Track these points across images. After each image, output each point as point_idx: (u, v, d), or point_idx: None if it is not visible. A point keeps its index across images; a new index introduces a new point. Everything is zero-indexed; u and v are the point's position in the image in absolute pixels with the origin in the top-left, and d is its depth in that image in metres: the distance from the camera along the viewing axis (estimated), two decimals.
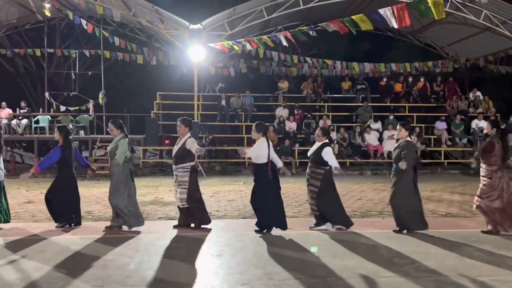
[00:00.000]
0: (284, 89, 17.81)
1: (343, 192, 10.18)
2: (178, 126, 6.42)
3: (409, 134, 6.27)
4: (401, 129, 6.25)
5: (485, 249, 5.35)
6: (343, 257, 5.02)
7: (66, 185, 6.48)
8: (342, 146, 15.21)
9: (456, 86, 17.57)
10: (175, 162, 6.41)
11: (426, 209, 7.93)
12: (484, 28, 15.19)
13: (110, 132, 6.53)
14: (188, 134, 6.44)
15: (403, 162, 5.94)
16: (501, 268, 4.63)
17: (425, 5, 7.33)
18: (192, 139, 6.43)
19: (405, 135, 6.21)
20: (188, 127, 6.45)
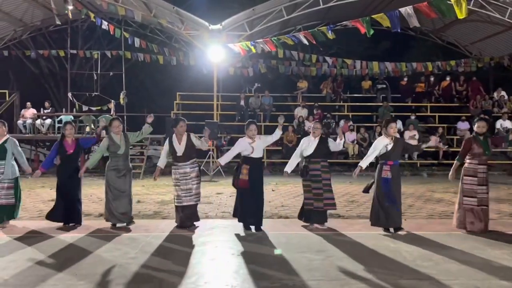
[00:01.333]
0: (303, 89, 17.74)
1: (358, 191, 10.09)
2: (181, 126, 6.43)
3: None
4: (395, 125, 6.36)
5: None
6: (362, 260, 4.91)
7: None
8: (362, 147, 15.06)
9: (480, 86, 17.18)
10: (184, 159, 6.36)
11: (447, 211, 7.85)
12: (509, 26, 14.81)
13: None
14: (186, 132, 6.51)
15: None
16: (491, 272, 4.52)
17: (446, 5, 7.17)
18: (192, 134, 6.50)
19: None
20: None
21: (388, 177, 6.09)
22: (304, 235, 6.08)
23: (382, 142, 6.23)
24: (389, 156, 6.13)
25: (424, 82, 17.39)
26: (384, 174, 6.11)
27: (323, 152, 6.42)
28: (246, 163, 6.26)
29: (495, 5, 13.53)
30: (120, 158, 6.53)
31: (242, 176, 6.20)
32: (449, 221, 6.87)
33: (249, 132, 6.43)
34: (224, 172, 13.41)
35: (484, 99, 16.58)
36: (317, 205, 6.35)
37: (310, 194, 6.38)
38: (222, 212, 7.62)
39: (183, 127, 6.42)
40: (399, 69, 17.39)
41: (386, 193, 6.11)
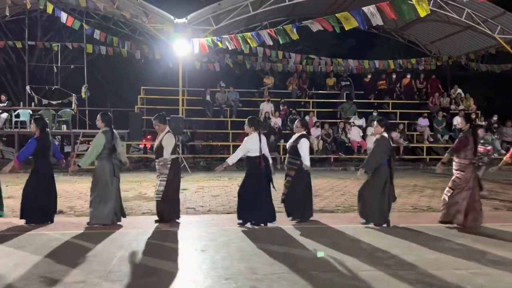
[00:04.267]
0: (269, 85, 17.84)
1: (327, 187, 10.32)
2: (154, 124, 6.45)
3: (385, 130, 6.37)
4: (377, 125, 6.43)
5: (464, 243, 5.47)
6: (325, 251, 5.07)
7: (41, 179, 6.39)
8: (326, 142, 15.33)
9: (439, 84, 17.86)
10: (156, 156, 6.45)
11: (407, 203, 8.14)
12: (466, 26, 15.44)
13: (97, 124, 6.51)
14: (167, 129, 6.45)
15: (361, 169, 6.31)
16: (478, 261, 4.75)
17: (407, 5, 7.40)
18: (169, 135, 6.41)
19: (381, 131, 6.36)
20: (165, 123, 6.54)
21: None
22: (268, 229, 6.15)
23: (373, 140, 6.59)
24: None
25: (386, 79, 17.88)
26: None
27: (295, 150, 6.54)
28: None
29: (452, 6, 14.07)
30: None
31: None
32: (406, 214, 7.16)
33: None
34: (190, 168, 13.32)
35: (443, 97, 17.25)
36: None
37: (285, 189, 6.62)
38: (187, 208, 7.57)
39: (157, 126, 6.47)
40: (362, 67, 17.78)
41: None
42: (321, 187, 10.35)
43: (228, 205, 7.91)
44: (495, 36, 15.02)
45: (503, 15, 14.60)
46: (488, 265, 4.62)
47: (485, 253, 5.02)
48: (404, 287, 4.01)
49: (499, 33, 15.08)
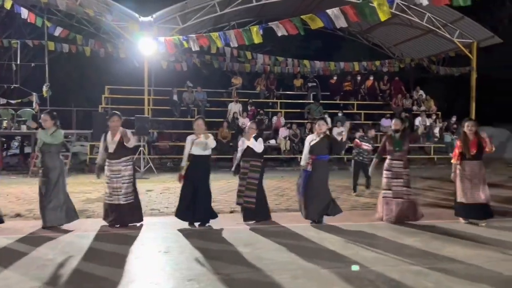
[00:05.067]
0: (237, 85, 17.84)
1: (292, 187, 10.40)
2: (113, 121, 6.24)
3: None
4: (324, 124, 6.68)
5: (420, 239, 5.66)
6: (289, 251, 5.11)
7: None
8: (293, 142, 15.48)
9: (402, 85, 18.40)
10: (116, 157, 6.17)
11: (369, 203, 8.33)
12: (427, 30, 15.98)
13: (43, 123, 6.25)
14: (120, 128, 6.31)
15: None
16: (438, 255, 4.92)
17: (369, 8, 7.58)
18: (128, 131, 6.32)
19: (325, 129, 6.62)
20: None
21: (309, 170, 6.41)
22: (233, 230, 6.15)
23: (308, 138, 6.61)
24: (312, 151, 6.46)
25: (351, 81, 18.25)
26: (306, 167, 6.47)
27: (255, 151, 6.54)
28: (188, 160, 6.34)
29: (414, 10, 14.54)
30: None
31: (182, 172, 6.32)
32: (370, 212, 7.32)
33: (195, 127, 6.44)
34: (156, 169, 13.14)
35: (405, 98, 17.77)
36: (238, 201, 6.59)
37: (238, 190, 6.60)
38: (151, 210, 7.46)
39: (116, 123, 6.23)
40: (328, 68, 18.07)
41: (301, 184, 6.48)
42: (287, 187, 10.45)
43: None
44: (454, 40, 15.63)
45: (462, 20, 15.23)
46: (444, 260, 4.79)
47: (441, 249, 5.20)
48: (364, 285, 4.09)
49: (458, 37, 15.71)
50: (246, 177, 6.53)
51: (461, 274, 4.35)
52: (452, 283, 4.12)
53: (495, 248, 5.23)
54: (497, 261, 4.76)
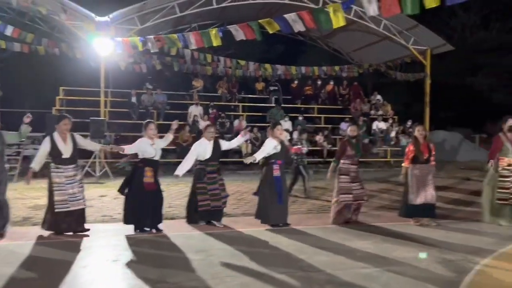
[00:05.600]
0: (198, 88, 17.65)
1: (251, 190, 10.37)
2: (64, 124, 5.98)
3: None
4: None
5: (375, 240, 5.77)
6: (242, 257, 5.05)
7: None
8: (255, 146, 15.46)
9: (360, 90, 18.85)
10: (71, 162, 5.95)
11: (326, 206, 8.42)
12: (384, 36, 16.43)
13: None
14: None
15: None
16: (387, 258, 5.01)
17: (325, 15, 7.67)
18: (76, 134, 6.13)
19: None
20: None
21: (279, 176, 6.43)
22: (187, 236, 6.03)
23: (271, 143, 6.53)
24: (277, 156, 6.48)
25: (312, 85, 18.51)
26: (275, 173, 6.44)
27: (218, 154, 6.60)
28: (149, 165, 6.10)
29: (371, 17, 14.86)
30: None
31: (147, 179, 6.04)
32: (326, 215, 7.39)
33: (149, 131, 6.24)
34: (114, 173, 12.75)
35: (363, 102, 18.21)
36: (215, 204, 6.48)
37: (206, 195, 6.44)
38: (103, 216, 7.20)
39: (67, 126, 5.98)
40: (289, 72, 18.24)
41: (279, 193, 6.42)
42: (246, 190, 10.41)
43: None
44: (409, 46, 16.17)
45: (416, 28, 15.78)
46: (394, 262, 4.88)
47: (391, 251, 5.30)
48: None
49: (413, 44, 16.26)
50: (217, 179, 6.51)
51: (409, 275, 4.44)
52: (400, 285, 4.20)
53: (442, 249, 5.38)
54: (443, 262, 4.90)
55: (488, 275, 4.53)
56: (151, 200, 6.09)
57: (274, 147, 6.47)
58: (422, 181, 6.65)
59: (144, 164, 6.12)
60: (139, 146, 6.21)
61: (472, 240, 5.88)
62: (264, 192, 6.52)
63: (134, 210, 6.07)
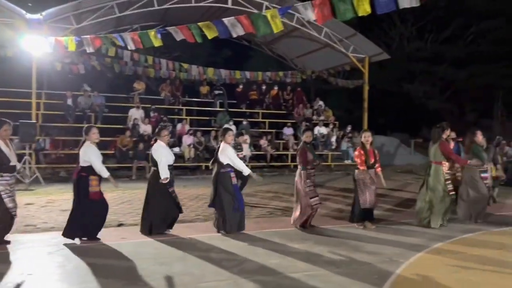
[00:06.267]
0: (140, 90, 17.17)
1: (193, 195, 10.22)
2: (5, 130, 5.64)
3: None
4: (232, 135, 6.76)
5: (306, 245, 5.84)
6: (171, 264, 4.92)
7: None
8: (198, 150, 15.29)
9: (303, 96, 19.24)
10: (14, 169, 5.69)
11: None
12: (325, 44, 16.89)
13: None
14: None
15: None
16: (315, 263, 5.07)
17: (262, 20, 7.74)
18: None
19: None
20: None
21: (236, 183, 6.43)
22: (118, 245, 5.79)
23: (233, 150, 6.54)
24: None
25: (257, 90, 18.65)
26: (234, 181, 6.41)
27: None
28: (94, 174, 5.79)
29: (313, 25, 15.27)
30: None
31: (93, 188, 5.75)
32: (262, 220, 7.40)
33: (93, 136, 5.95)
34: (47, 179, 12.08)
35: (306, 108, 18.59)
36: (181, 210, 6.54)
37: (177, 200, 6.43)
38: (25, 226, 6.74)
39: (8, 131, 5.68)
40: (234, 77, 18.25)
41: (239, 200, 6.36)
42: (187, 196, 10.24)
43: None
44: (348, 54, 16.72)
45: (355, 36, 16.37)
46: (323, 266, 4.95)
47: (321, 255, 5.38)
48: None
49: (352, 52, 16.84)
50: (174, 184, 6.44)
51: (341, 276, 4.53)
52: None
53: (379, 252, 5.54)
54: (374, 261, 5.05)
55: (413, 271, 4.71)
56: (99, 210, 5.83)
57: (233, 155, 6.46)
58: (371, 186, 6.85)
59: (88, 173, 5.78)
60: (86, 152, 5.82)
61: (405, 239, 6.17)
62: (223, 201, 6.36)
63: (82, 222, 5.76)
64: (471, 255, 5.46)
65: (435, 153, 7.17)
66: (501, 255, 5.50)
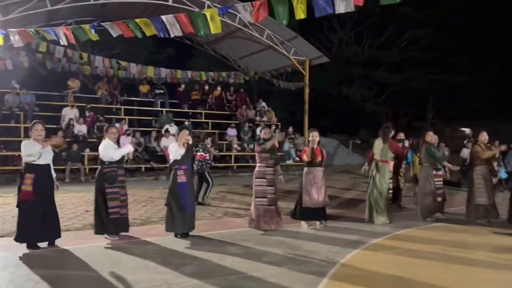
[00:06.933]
0: (74, 88, 16.28)
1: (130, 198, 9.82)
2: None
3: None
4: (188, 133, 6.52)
5: (245, 246, 5.80)
6: (103, 270, 4.66)
7: None
8: (137, 151, 14.77)
9: (246, 97, 19.27)
10: None
11: (217, 210, 8.33)
12: (268, 46, 17.05)
13: None
14: None
15: None
16: (254, 264, 5.03)
17: (202, 19, 7.61)
18: None
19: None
20: None
21: (183, 181, 6.18)
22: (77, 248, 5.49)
23: (173, 148, 6.35)
24: (182, 161, 6.24)
25: (199, 90, 18.42)
26: (180, 179, 6.18)
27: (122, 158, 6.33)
28: (31, 172, 5.42)
29: (255, 26, 15.34)
30: None
31: (25, 187, 5.37)
32: (211, 222, 7.30)
33: (35, 132, 5.59)
34: None
35: (249, 109, 18.65)
36: (124, 211, 6.14)
37: (117, 202, 6.03)
38: None
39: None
40: (175, 76, 17.89)
41: (184, 199, 6.16)
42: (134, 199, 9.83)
43: (2, 227, 6.74)
44: (290, 56, 17.00)
45: (296, 39, 16.67)
46: (261, 267, 4.92)
47: (261, 256, 5.36)
48: None
49: (293, 54, 17.14)
50: (125, 184, 6.21)
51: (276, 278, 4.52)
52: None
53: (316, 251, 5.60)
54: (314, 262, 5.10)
55: (348, 270, 4.81)
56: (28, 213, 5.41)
57: (175, 152, 6.27)
58: (315, 184, 6.89)
59: (25, 170, 5.45)
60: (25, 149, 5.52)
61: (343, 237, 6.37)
62: (168, 199, 6.23)
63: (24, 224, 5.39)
64: (403, 251, 5.70)
65: (383, 152, 7.42)
66: (429, 249, 5.81)
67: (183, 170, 6.24)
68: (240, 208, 8.84)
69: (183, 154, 6.29)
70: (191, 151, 6.56)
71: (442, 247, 5.88)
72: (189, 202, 6.27)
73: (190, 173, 6.40)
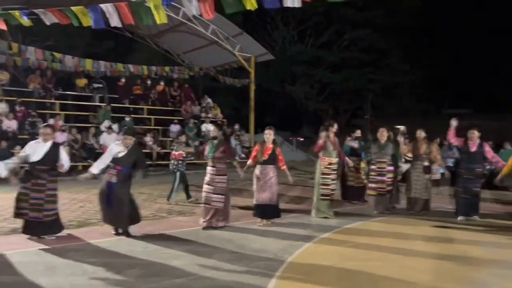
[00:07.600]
0: (3, 81, 15.04)
1: (67, 199, 9.23)
2: None
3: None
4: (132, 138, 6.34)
5: (194, 245, 5.63)
6: (84, 273, 4.26)
7: None
8: (73, 149, 13.92)
9: (191, 92, 18.89)
10: None
11: (161, 209, 8.01)
12: (212, 41, 16.80)
13: None
14: None
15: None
16: (201, 265, 4.86)
17: (145, 9, 7.25)
18: None
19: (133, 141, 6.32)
20: None
21: (113, 181, 5.99)
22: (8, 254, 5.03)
23: (114, 148, 6.16)
24: (117, 162, 6.06)
25: (141, 84, 17.77)
26: (107, 177, 6.05)
27: (52, 159, 5.93)
28: None
29: (200, 20, 15.03)
30: None
31: None
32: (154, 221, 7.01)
33: None
34: None
35: (194, 105, 18.30)
36: (34, 215, 5.78)
37: (26, 203, 5.75)
38: None
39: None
40: (116, 70, 17.11)
41: (108, 196, 6.01)
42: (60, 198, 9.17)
43: None
44: (235, 53, 16.87)
45: (241, 35, 16.58)
46: (209, 268, 4.75)
47: (208, 256, 5.18)
48: None
49: (238, 51, 17.03)
50: (45, 188, 5.86)
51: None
52: None
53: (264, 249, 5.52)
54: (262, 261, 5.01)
55: (295, 268, 4.78)
56: None
57: (117, 152, 6.08)
58: (261, 181, 6.86)
59: None
60: None
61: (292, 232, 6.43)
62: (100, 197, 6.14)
63: None
64: (349, 245, 5.80)
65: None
66: (373, 241, 5.99)
67: (116, 171, 6.05)
68: (186, 206, 8.61)
69: (124, 155, 6.09)
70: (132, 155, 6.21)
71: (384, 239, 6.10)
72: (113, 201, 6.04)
73: (127, 175, 6.13)
